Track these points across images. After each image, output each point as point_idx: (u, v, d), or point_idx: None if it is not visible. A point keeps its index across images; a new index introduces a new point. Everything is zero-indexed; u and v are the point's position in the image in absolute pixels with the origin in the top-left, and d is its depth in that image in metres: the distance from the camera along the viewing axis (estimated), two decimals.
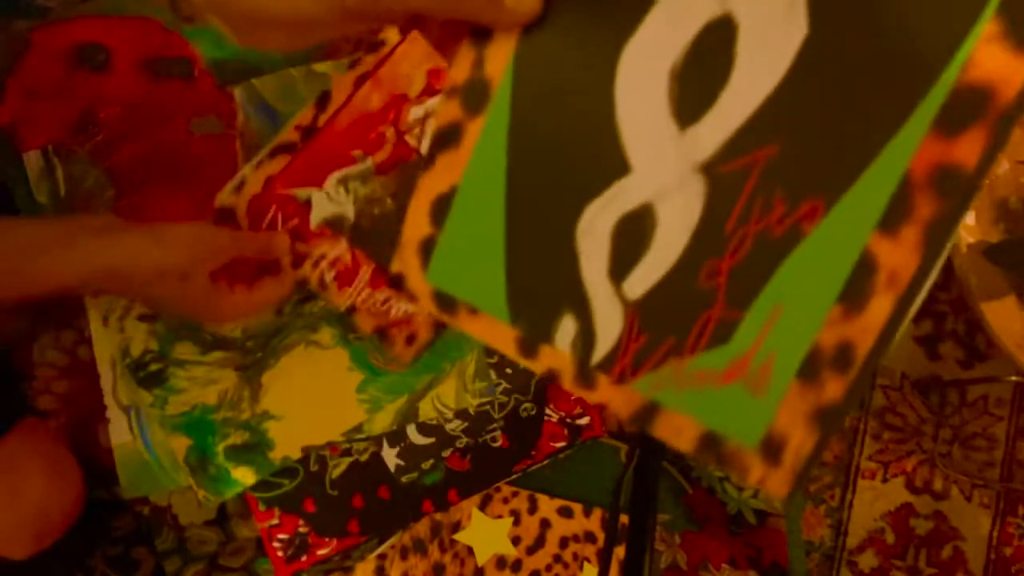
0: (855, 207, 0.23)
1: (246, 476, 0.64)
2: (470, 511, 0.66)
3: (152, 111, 0.67)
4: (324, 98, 0.62)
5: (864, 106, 0.23)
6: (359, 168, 0.62)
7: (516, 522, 0.66)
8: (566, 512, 0.66)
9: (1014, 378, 0.67)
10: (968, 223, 0.63)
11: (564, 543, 0.66)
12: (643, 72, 0.27)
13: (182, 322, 0.64)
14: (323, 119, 0.62)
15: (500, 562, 0.65)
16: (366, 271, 0.62)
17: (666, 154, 0.26)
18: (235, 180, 0.62)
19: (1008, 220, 0.64)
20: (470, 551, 0.66)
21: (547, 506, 0.66)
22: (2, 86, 0.66)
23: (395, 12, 0.29)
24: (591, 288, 0.28)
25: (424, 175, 0.31)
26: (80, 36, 0.66)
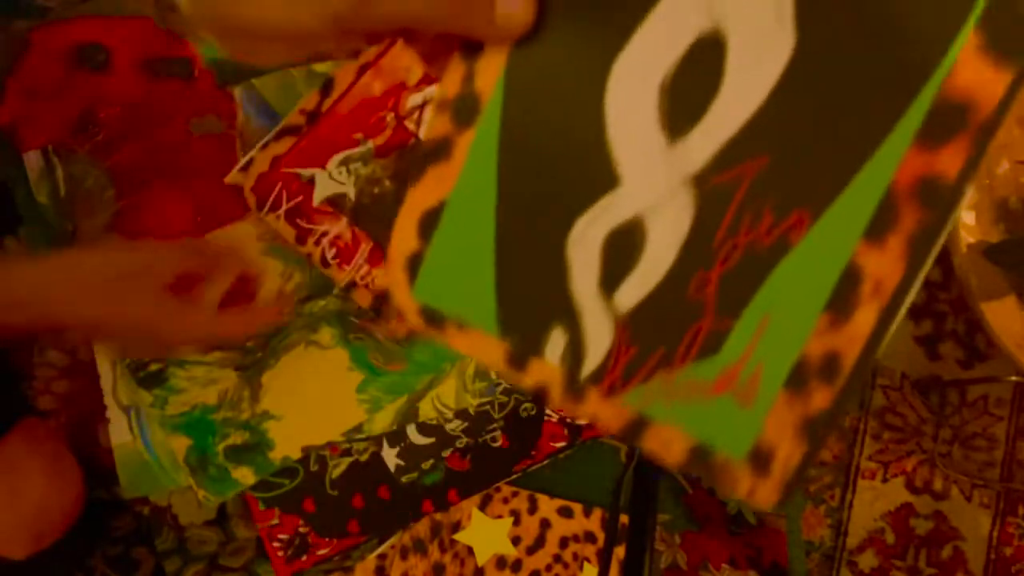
0: (841, 218, 0.24)
1: (246, 476, 0.64)
2: (470, 511, 0.66)
3: (152, 111, 0.67)
4: (328, 85, 0.66)
5: (850, 118, 0.24)
6: (360, 150, 0.65)
7: (516, 522, 0.66)
8: (566, 512, 0.66)
9: (1014, 378, 0.67)
10: (968, 223, 0.63)
11: (564, 543, 0.66)
12: (633, 86, 0.27)
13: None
14: (327, 104, 0.65)
15: (500, 562, 0.65)
16: (365, 248, 0.64)
17: (656, 167, 0.27)
18: (243, 160, 0.65)
19: (1008, 220, 0.64)
20: (470, 551, 0.66)
21: (547, 506, 0.66)
22: (2, 86, 0.66)
23: (387, 25, 0.29)
24: (581, 301, 0.28)
25: (412, 190, 0.31)
26: (80, 36, 0.66)
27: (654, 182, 0.27)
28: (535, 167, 0.29)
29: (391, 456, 0.65)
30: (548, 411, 0.66)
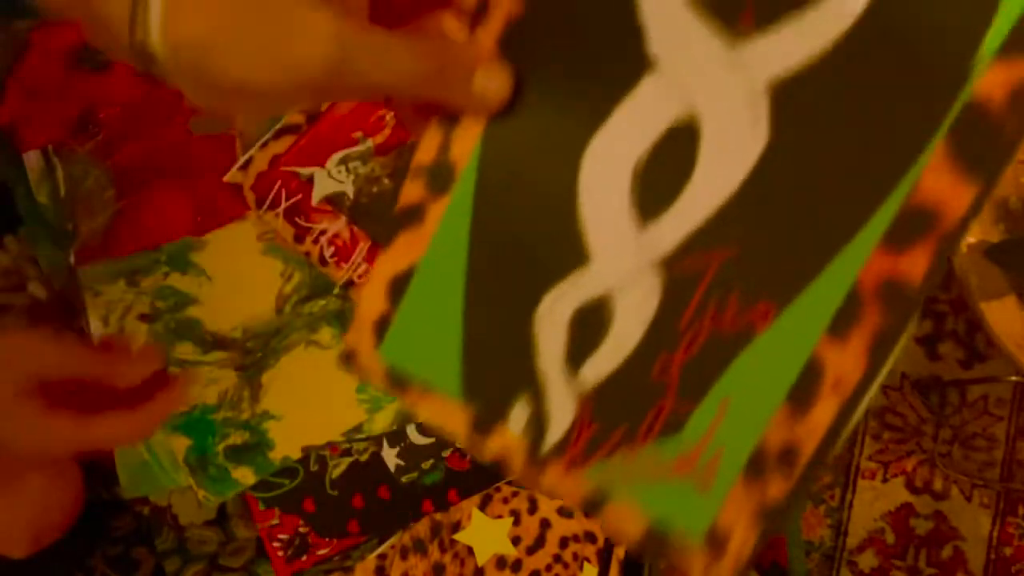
0: (806, 311, 0.24)
1: (246, 476, 0.64)
2: (470, 511, 0.66)
3: (152, 111, 0.67)
4: None
5: (819, 215, 0.24)
6: (359, 149, 0.65)
7: (516, 522, 0.66)
8: (566, 512, 0.66)
9: (1014, 378, 0.67)
10: None
11: (564, 543, 0.66)
12: (607, 167, 0.27)
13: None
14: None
15: (500, 562, 0.65)
16: (363, 247, 0.65)
17: (626, 248, 0.27)
18: (242, 159, 0.65)
19: (1008, 220, 0.64)
20: (470, 551, 0.66)
21: (547, 506, 0.66)
22: (2, 86, 0.66)
23: (365, 92, 0.30)
24: (546, 374, 0.28)
25: (382, 254, 0.32)
26: (80, 36, 0.66)
27: (623, 262, 0.27)
28: (507, 239, 0.29)
29: (391, 456, 0.65)
30: None
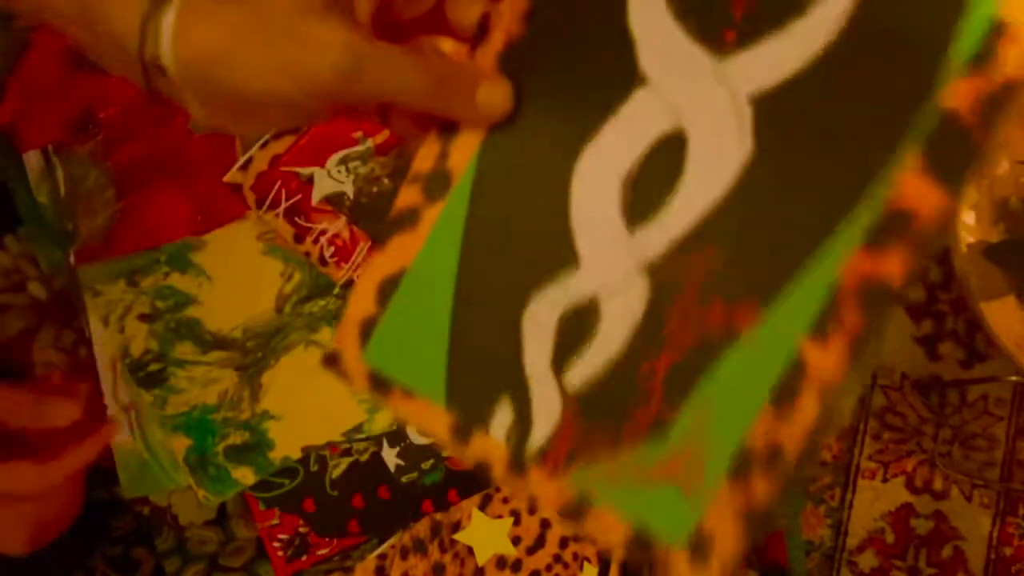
0: (788, 313, 0.25)
1: (246, 476, 0.64)
2: (470, 511, 0.66)
3: (152, 111, 0.67)
4: None
5: (798, 219, 0.25)
6: (359, 149, 0.65)
7: (516, 522, 0.66)
8: None
9: (1014, 378, 0.67)
10: (968, 223, 0.63)
11: (564, 543, 0.66)
12: (598, 176, 0.28)
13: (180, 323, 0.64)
14: None
15: (500, 562, 0.65)
16: (363, 247, 0.65)
17: (614, 253, 0.28)
18: (242, 159, 0.65)
19: (1008, 220, 0.64)
20: (470, 551, 0.66)
21: None
22: (2, 86, 0.66)
23: (373, 100, 0.30)
24: (532, 377, 0.29)
25: (374, 256, 0.32)
26: None
27: (612, 267, 0.28)
28: (499, 244, 0.30)
29: (391, 456, 0.65)
30: None
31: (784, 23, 0.26)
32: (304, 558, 0.64)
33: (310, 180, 0.65)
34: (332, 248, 0.65)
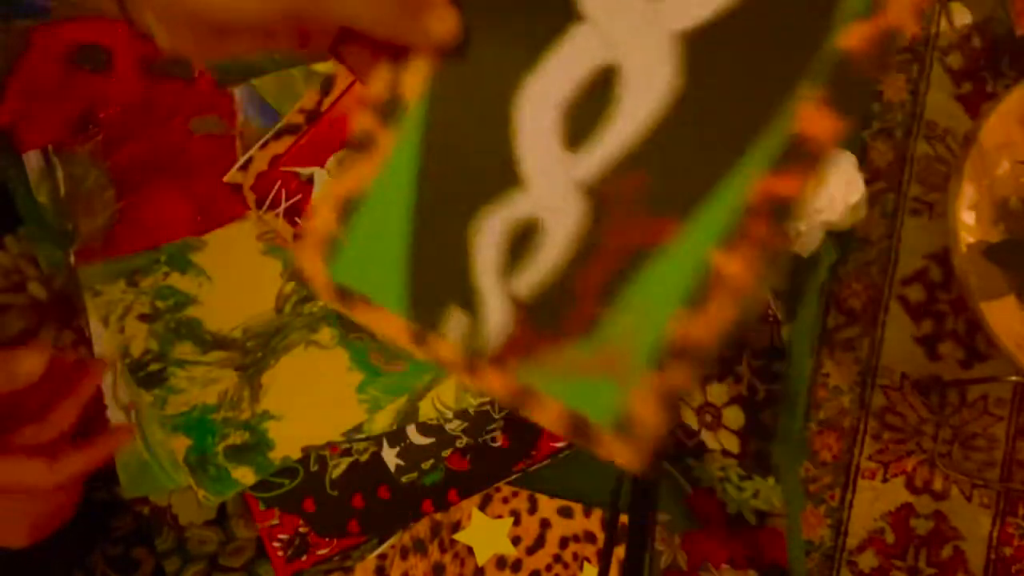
0: (703, 226, 0.29)
1: (246, 476, 0.64)
2: (470, 511, 0.66)
3: (152, 111, 0.67)
4: (328, 84, 0.66)
5: (715, 144, 0.29)
6: None
7: (516, 522, 0.66)
8: (566, 512, 0.66)
9: (1014, 378, 0.67)
10: (968, 223, 0.63)
11: (564, 543, 0.66)
12: (539, 104, 0.32)
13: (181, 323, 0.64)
14: (326, 103, 0.66)
15: (500, 562, 0.65)
16: None
17: (555, 174, 0.32)
18: (242, 159, 0.65)
19: (1008, 220, 0.64)
20: (470, 551, 0.66)
21: (547, 506, 0.66)
22: (2, 86, 0.66)
23: (334, 20, 0.31)
24: (482, 286, 0.32)
25: (334, 177, 0.35)
26: (80, 36, 0.66)
27: (552, 187, 0.32)
28: (451, 165, 0.33)
29: (391, 456, 0.65)
30: None
31: None
32: (304, 558, 0.64)
33: (310, 180, 0.65)
34: None
